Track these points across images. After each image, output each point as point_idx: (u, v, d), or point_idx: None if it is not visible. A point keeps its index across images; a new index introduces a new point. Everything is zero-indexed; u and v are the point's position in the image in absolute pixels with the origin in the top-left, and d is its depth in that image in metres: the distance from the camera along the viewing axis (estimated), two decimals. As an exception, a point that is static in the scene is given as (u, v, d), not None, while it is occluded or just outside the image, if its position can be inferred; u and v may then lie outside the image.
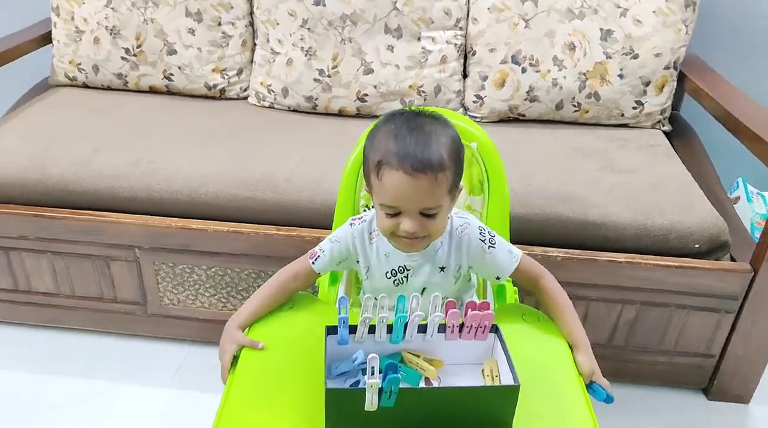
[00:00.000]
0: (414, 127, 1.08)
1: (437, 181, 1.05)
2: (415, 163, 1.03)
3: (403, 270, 1.21)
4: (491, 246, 1.20)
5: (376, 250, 1.21)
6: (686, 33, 2.03)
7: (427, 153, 1.04)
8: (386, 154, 1.06)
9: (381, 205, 1.10)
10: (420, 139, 1.06)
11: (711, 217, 1.68)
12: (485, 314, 1.06)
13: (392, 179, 1.05)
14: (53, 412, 1.72)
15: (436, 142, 1.06)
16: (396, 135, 1.07)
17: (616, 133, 2.07)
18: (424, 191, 1.05)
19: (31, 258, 1.86)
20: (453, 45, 2.10)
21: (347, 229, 1.24)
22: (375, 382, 0.93)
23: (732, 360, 1.76)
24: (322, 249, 1.24)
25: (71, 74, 2.28)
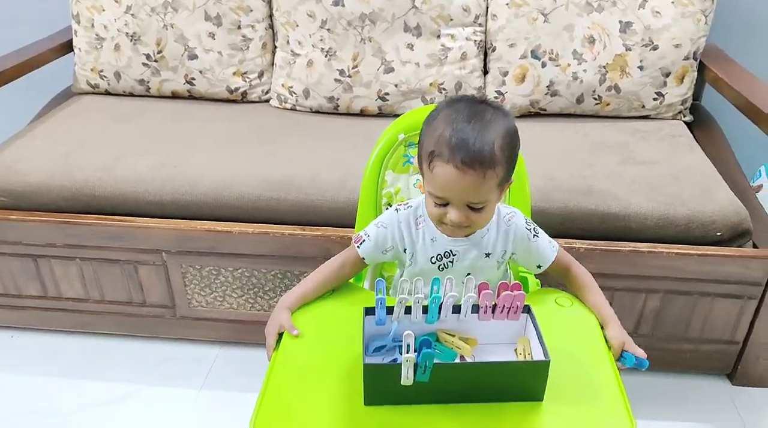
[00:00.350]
0: (473, 116, 1.07)
1: (486, 177, 1.06)
2: (466, 157, 1.04)
3: (448, 255, 1.21)
4: (535, 235, 1.24)
5: (423, 235, 1.22)
6: (705, 23, 2.02)
7: (479, 148, 1.04)
8: (439, 144, 1.06)
9: (429, 193, 1.11)
10: (475, 130, 1.05)
11: (732, 205, 1.69)
12: (517, 294, 1.09)
13: (442, 172, 1.06)
14: (85, 416, 1.75)
15: (492, 135, 1.05)
16: (453, 123, 1.06)
17: (637, 125, 2.07)
18: (471, 186, 1.06)
19: (60, 265, 1.89)
20: (473, 41, 2.11)
21: (393, 215, 1.23)
22: (410, 357, 0.96)
23: (756, 346, 1.77)
24: (367, 234, 1.23)
25: (93, 82, 2.31)
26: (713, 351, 1.81)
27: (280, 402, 1.05)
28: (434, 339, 1.11)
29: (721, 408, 1.78)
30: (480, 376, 1.02)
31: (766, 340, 1.75)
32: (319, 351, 1.14)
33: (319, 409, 1.04)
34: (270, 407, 1.04)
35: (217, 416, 1.75)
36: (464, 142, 1.04)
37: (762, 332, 1.74)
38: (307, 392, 1.07)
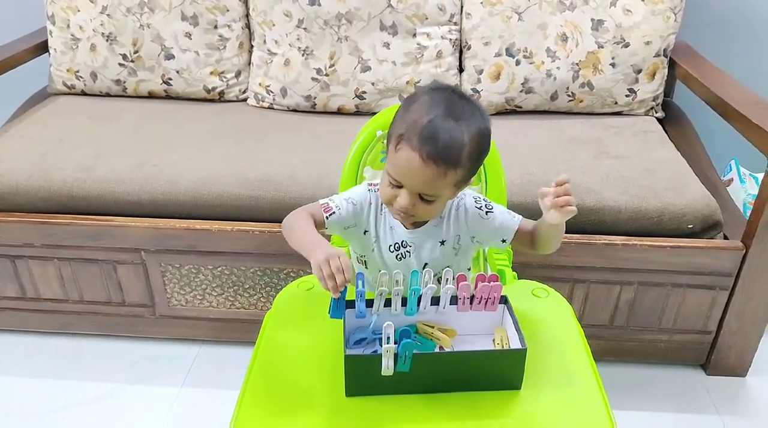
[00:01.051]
0: (451, 110, 1.07)
1: (446, 175, 1.08)
2: (432, 151, 1.05)
3: (405, 246, 1.23)
4: (489, 211, 1.23)
5: (384, 221, 1.23)
6: (675, 20, 2.06)
7: (448, 146, 1.05)
8: (411, 128, 1.06)
9: (387, 172, 1.13)
10: (449, 127, 1.06)
11: (703, 198, 1.73)
12: (494, 285, 1.11)
13: (405, 156, 1.07)
14: (65, 416, 1.75)
15: (464, 137, 1.06)
16: (429, 112, 1.06)
17: (610, 121, 2.11)
18: (430, 179, 1.08)
19: (38, 266, 1.88)
20: (448, 40, 2.13)
21: (365, 193, 1.24)
22: (391, 347, 0.98)
23: (728, 336, 1.81)
24: (338, 206, 1.21)
25: (69, 82, 2.30)
26: (687, 342, 1.85)
27: (261, 399, 1.06)
28: (414, 330, 1.13)
29: (696, 398, 1.81)
30: (459, 365, 1.04)
31: (737, 330, 1.80)
32: (300, 347, 1.15)
33: (301, 404, 1.04)
34: (251, 404, 1.05)
35: (197, 414, 1.75)
36: (435, 136, 1.05)
37: (733, 322, 1.78)
38: (288, 387, 1.08)
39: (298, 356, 1.13)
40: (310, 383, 1.08)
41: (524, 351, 1.04)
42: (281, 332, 1.19)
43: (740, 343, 1.82)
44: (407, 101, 1.13)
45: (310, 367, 1.11)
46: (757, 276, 1.71)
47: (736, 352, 1.84)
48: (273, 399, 1.06)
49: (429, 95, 1.11)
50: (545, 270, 1.71)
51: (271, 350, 1.16)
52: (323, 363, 1.11)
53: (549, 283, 1.33)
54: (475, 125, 1.09)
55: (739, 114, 1.73)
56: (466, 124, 1.07)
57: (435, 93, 1.11)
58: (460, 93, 1.13)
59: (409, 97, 1.14)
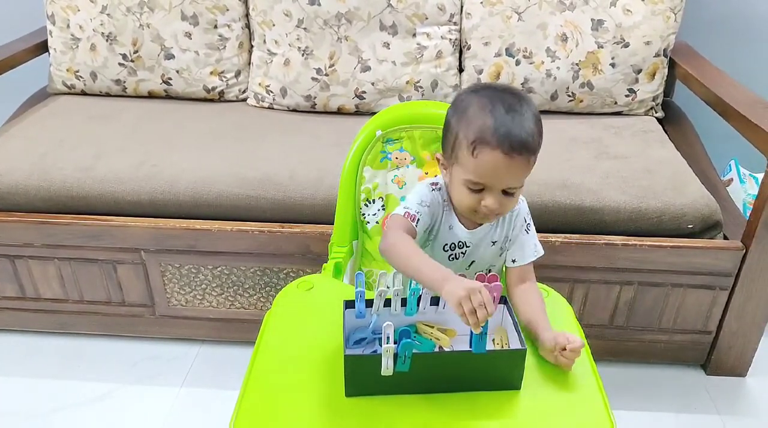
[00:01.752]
0: (509, 105, 1.08)
1: (530, 162, 1.10)
2: (515, 143, 1.06)
3: (462, 246, 1.23)
4: (527, 231, 1.26)
5: (444, 221, 1.22)
6: (675, 20, 2.06)
7: (525, 134, 1.07)
8: (484, 131, 1.07)
9: (467, 180, 1.12)
10: (516, 118, 1.07)
11: (703, 198, 1.73)
12: (494, 285, 1.09)
13: (489, 158, 1.07)
14: (65, 415, 1.75)
15: (530, 123, 1.08)
16: (492, 113, 1.08)
17: (610, 121, 2.11)
18: (516, 171, 1.09)
19: (38, 265, 1.88)
20: (448, 40, 2.13)
21: (432, 194, 1.21)
22: (390, 347, 0.98)
23: (728, 336, 1.81)
24: (418, 211, 1.18)
25: (69, 82, 2.30)
26: (687, 342, 1.85)
27: (261, 400, 1.06)
28: (413, 330, 1.12)
29: (696, 398, 1.81)
30: (458, 365, 1.04)
31: (737, 330, 1.80)
32: (300, 347, 1.15)
33: (301, 405, 1.04)
34: (251, 404, 1.05)
35: (197, 414, 1.75)
36: (510, 130, 1.06)
37: (733, 322, 1.78)
38: (288, 388, 1.08)
39: (298, 356, 1.13)
40: (310, 383, 1.08)
41: (524, 351, 1.03)
42: (281, 332, 1.19)
43: (740, 343, 1.82)
44: (458, 110, 1.14)
45: (310, 367, 1.11)
46: (757, 276, 1.71)
47: (736, 352, 1.84)
48: (273, 399, 1.06)
49: (477, 97, 1.12)
50: (545, 270, 1.70)
51: (270, 350, 1.16)
52: (323, 364, 1.11)
53: (549, 283, 1.33)
54: (531, 109, 1.11)
55: (739, 114, 1.73)
56: (526, 112, 1.09)
57: (481, 93, 1.12)
58: (501, 86, 1.16)
59: (456, 106, 1.15)
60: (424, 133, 1.44)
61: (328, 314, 1.21)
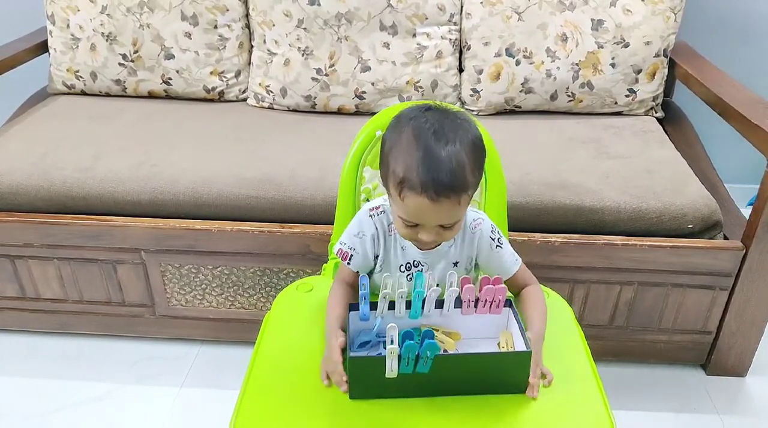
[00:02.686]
0: (440, 136, 1.03)
1: (460, 202, 1.05)
2: (439, 189, 1.01)
3: (417, 265, 1.22)
4: (498, 246, 1.22)
5: (393, 243, 1.21)
6: (675, 21, 2.06)
7: (451, 175, 1.01)
8: (409, 172, 1.02)
9: (400, 216, 1.09)
10: (446, 155, 1.01)
11: (703, 198, 1.73)
12: (498, 288, 1.11)
13: (414, 203, 1.03)
14: (64, 416, 1.75)
15: (461, 157, 1.02)
16: (421, 147, 1.02)
17: (610, 121, 2.11)
18: (445, 213, 1.05)
19: (38, 266, 1.88)
20: (448, 40, 2.13)
21: (368, 221, 1.20)
22: (394, 348, 0.97)
23: (728, 336, 1.81)
24: (351, 247, 1.19)
25: (69, 82, 2.30)
26: (687, 342, 1.85)
27: (261, 400, 1.06)
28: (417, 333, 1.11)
29: (696, 398, 1.81)
30: (463, 368, 1.03)
31: (737, 330, 1.80)
32: (300, 349, 1.15)
33: (301, 405, 1.05)
34: (250, 405, 1.05)
35: (197, 414, 1.75)
36: (436, 173, 1.01)
37: (733, 322, 1.78)
38: (287, 389, 1.08)
39: (298, 357, 1.13)
40: (309, 384, 1.08)
41: (529, 353, 1.03)
42: (281, 334, 1.20)
43: (740, 343, 1.82)
44: (392, 135, 1.08)
45: (310, 369, 1.11)
46: (757, 276, 1.70)
47: (736, 352, 1.84)
48: (273, 400, 1.06)
49: (411, 124, 1.06)
50: (545, 270, 1.71)
51: (270, 352, 1.16)
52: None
53: (549, 283, 1.33)
54: (467, 137, 1.05)
55: (739, 114, 1.73)
56: (459, 141, 1.03)
57: (416, 120, 1.06)
58: (440, 107, 1.09)
59: (392, 128, 1.10)
60: (424, 133, 1.43)
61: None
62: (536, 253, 1.69)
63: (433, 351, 0.98)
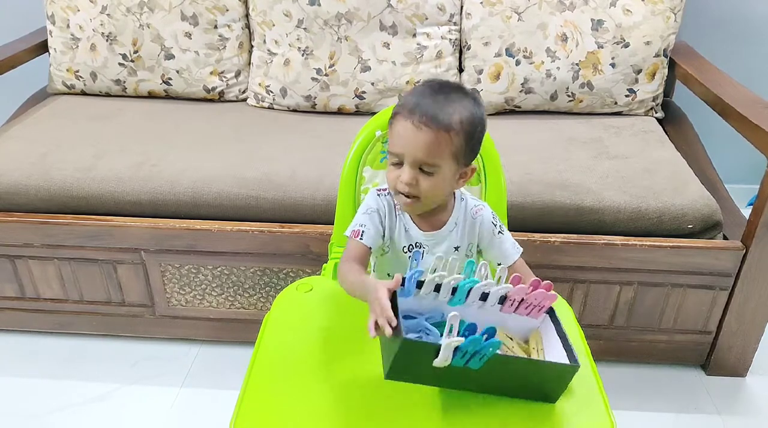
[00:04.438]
0: (441, 90, 1.13)
1: (438, 138, 1.10)
2: (422, 116, 1.10)
3: (419, 246, 1.24)
4: (500, 231, 1.27)
5: (399, 223, 1.24)
6: (675, 21, 2.06)
7: (438, 112, 1.10)
8: (404, 105, 1.13)
9: (389, 152, 1.16)
10: (439, 100, 1.11)
11: (703, 198, 1.73)
12: (549, 295, 1.09)
13: (400, 127, 1.12)
14: (64, 416, 1.74)
15: (453, 108, 1.11)
16: (421, 93, 1.13)
17: (610, 121, 2.11)
18: (424, 143, 1.11)
19: (38, 265, 1.88)
20: (448, 40, 2.13)
21: (377, 199, 1.25)
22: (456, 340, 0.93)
23: (728, 336, 1.81)
24: (361, 223, 1.23)
25: (69, 82, 2.30)
26: (687, 342, 1.84)
27: (261, 400, 1.06)
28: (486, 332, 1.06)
29: (696, 398, 1.81)
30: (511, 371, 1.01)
31: (737, 330, 1.80)
32: (300, 349, 1.15)
33: (301, 406, 1.04)
34: (251, 405, 1.05)
35: (197, 414, 1.75)
36: (425, 104, 1.11)
37: (733, 322, 1.78)
38: (287, 389, 1.08)
39: (298, 358, 1.13)
40: (309, 385, 1.08)
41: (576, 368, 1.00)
42: (280, 334, 1.19)
43: (740, 343, 1.82)
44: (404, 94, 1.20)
45: (310, 369, 1.11)
46: (757, 276, 1.70)
47: (736, 352, 1.84)
48: (273, 400, 1.06)
49: (422, 85, 1.17)
50: (545, 270, 1.71)
51: (270, 352, 1.16)
52: (323, 366, 1.11)
53: (549, 283, 1.33)
54: (465, 105, 1.13)
55: (739, 114, 1.73)
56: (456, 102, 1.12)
57: (428, 82, 1.17)
58: (455, 84, 1.18)
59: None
60: (424, 133, 1.44)
61: (327, 316, 1.21)
62: (536, 253, 1.70)
63: (495, 349, 0.95)
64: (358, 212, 1.26)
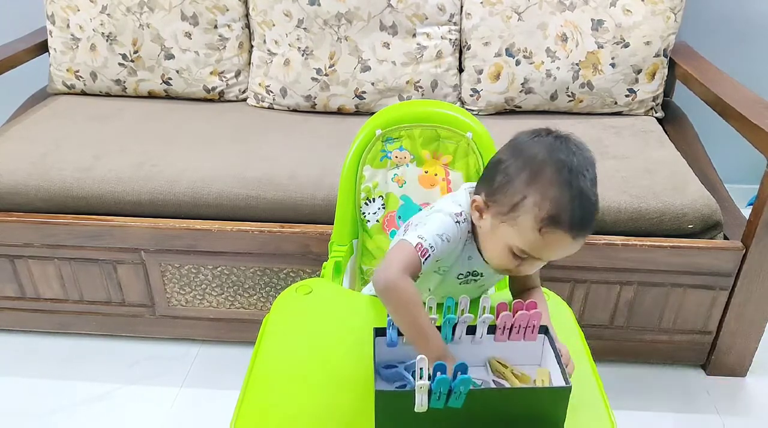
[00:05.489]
0: (586, 173, 1.00)
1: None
2: (586, 228, 1.00)
3: (476, 275, 1.18)
4: None
5: (465, 251, 1.15)
6: (675, 21, 2.06)
7: (593, 216, 1.01)
8: (561, 210, 0.98)
9: (515, 246, 1.03)
10: (589, 192, 1.00)
11: (703, 198, 1.72)
12: (533, 313, 1.05)
13: (556, 239, 1.00)
14: (64, 416, 1.75)
15: (596, 192, 1.02)
16: (571, 186, 0.98)
17: (610, 121, 2.11)
18: (573, 250, 1.03)
19: (38, 265, 1.88)
20: (448, 40, 2.13)
21: (456, 229, 1.10)
22: (424, 384, 0.91)
23: (728, 336, 1.81)
24: (431, 245, 1.06)
25: (69, 82, 2.30)
26: (687, 342, 1.84)
27: (261, 401, 1.06)
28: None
29: (696, 398, 1.81)
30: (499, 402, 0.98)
31: (737, 330, 1.79)
32: (299, 351, 1.15)
33: (300, 408, 1.04)
34: (251, 405, 1.05)
35: (197, 415, 1.75)
36: (586, 213, 0.99)
37: (733, 322, 1.78)
38: (287, 390, 1.07)
39: (298, 359, 1.13)
40: (309, 387, 1.07)
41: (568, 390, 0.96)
42: (280, 336, 1.19)
43: (740, 343, 1.82)
44: (531, 165, 1.02)
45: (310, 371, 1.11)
46: (756, 276, 1.70)
47: (736, 352, 1.84)
48: (273, 401, 1.06)
49: (553, 158, 1.01)
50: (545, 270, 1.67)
51: (270, 354, 1.15)
52: (322, 367, 1.11)
53: (549, 283, 1.33)
54: (595, 171, 1.03)
55: (739, 114, 1.73)
56: (593, 176, 1.02)
57: (553, 152, 1.01)
58: (569, 138, 1.05)
59: (527, 155, 1.04)
60: (424, 132, 1.44)
61: (326, 318, 1.21)
62: (536, 253, 1.69)
63: (467, 386, 0.92)
64: (431, 229, 1.08)
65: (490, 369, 1.09)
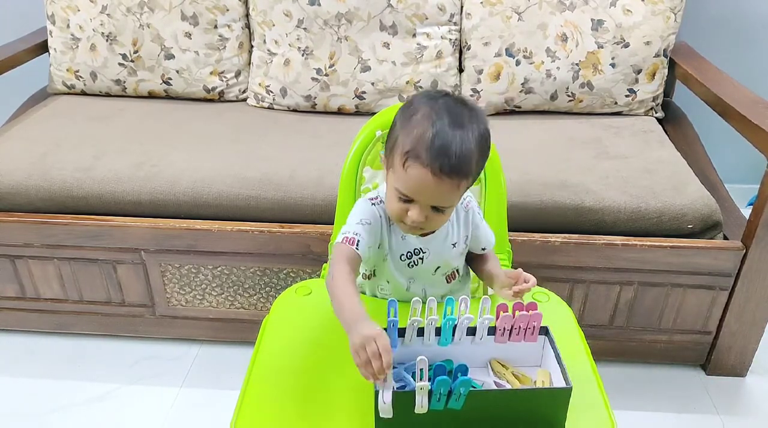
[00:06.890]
0: (454, 120, 1.04)
1: (459, 186, 1.06)
2: (444, 165, 1.02)
3: (418, 253, 1.21)
4: (482, 218, 1.29)
5: (394, 233, 1.20)
6: (675, 21, 2.06)
7: (458, 158, 1.03)
8: (419, 145, 1.03)
9: (396, 188, 1.09)
10: (456, 137, 1.03)
11: (703, 198, 1.73)
12: (533, 314, 1.06)
13: (417, 173, 1.04)
14: (64, 416, 1.75)
15: (471, 145, 1.04)
16: (434, 124, 1.04)
17: (610, 121, 2.11)
18: (443, 193, 1.06)
19: (38, 265, 1.88)
20: (448, 40, 2.13)
21: (372, 210, 1.19)
22: (424, 385, 0.91)
23: (728, 336, 1.81)
24: (356, 232, 1.14)
25: (69, 82, 2.30)
26: (687, 342, 1.85)
27: (261, 401, 1.06)
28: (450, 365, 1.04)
29: (696, 398, 1.81)
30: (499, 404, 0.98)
31: (737, 330, 1.80)
32: (299, 352, 1.15)
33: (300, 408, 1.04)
34: (251, 405, 1.05)
35: (197, 415, 1.75)
36: (445, 150, 1.02)
37: (733, 322, 1.78)
38: (287, 390, 1.07)
39: (298, 359, 1.13)
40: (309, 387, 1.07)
41: (569, 391, 0.97)
42: (280, 337, 1.19)
43: (740, 343, 1.82)
44: (406, 113, 1.09)
45: (309, 372, 1.11)
46: (756, 276, 1.70)
47: (736, 352, 1.84)
48: (273, 401, 1.06)
49: (428, 105, 1.07)
50: (545, 270, 1.71)
51: (270, 355, 1.16)
52: (322, 368, 1.11)
53: (548, 284, 1.34)
54: (478, 129, 1.07)
55: (739, 114, 1.73)
56: (471, 130, 1.05)
57: (433, 101, 1.08)
58: (458, 97, 1.11)
59: (406, 107, 1.11)
60: (424, 133, 1.44)
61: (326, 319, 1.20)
62: (536, 253, 1.70)
63: (467, 387, 0.93)
64: (350, 221, 1.18)
65: (491, 371, 1.09)
